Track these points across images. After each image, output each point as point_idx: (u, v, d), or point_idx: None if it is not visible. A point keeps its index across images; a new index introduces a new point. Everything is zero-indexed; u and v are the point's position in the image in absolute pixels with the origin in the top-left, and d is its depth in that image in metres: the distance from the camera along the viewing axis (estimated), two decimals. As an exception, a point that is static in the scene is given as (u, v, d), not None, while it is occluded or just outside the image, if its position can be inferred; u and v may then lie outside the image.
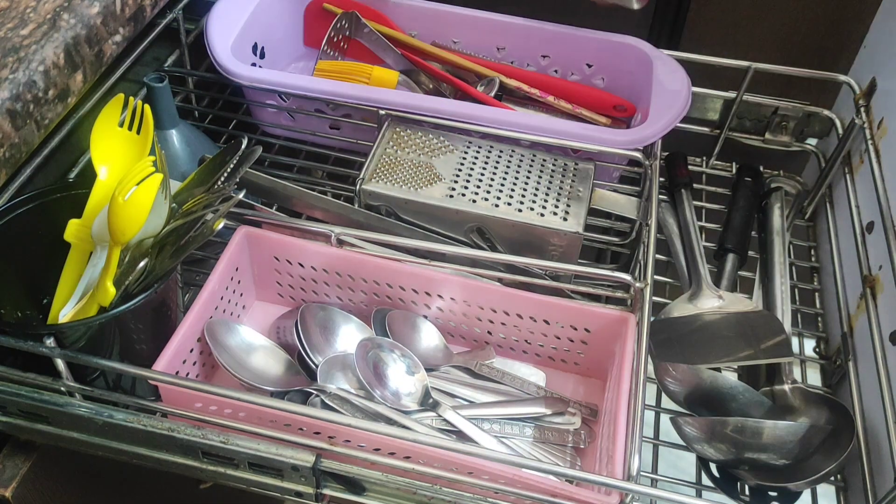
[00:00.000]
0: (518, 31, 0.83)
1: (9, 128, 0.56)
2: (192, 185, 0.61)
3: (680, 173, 0.82)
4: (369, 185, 0.69)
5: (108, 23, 0.65)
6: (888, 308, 0.63)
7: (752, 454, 0.58)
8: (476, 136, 0.75)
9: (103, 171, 0.60)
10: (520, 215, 0.68)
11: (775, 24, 0.91)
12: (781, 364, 0.66)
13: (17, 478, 0.60)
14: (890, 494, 0.54)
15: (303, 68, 0.88)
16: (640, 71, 0.79)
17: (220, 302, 0.64)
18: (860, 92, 0.78)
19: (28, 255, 0.61)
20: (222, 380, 0.63)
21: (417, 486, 0.53)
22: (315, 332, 0.64)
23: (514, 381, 0.65)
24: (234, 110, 0.84)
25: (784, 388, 0.65)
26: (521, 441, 0.61)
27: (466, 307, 0.65)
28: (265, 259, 0.67)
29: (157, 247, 0.57)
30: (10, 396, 0.55)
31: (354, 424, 0.52)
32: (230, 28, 0.79)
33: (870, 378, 0.62)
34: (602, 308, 0.63)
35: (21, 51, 0.58)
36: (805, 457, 0.59)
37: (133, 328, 0.58)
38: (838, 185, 0.79)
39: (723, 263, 0.75)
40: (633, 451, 0.52)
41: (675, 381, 0.64)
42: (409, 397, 0.60)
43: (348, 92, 0.74)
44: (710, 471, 0.62)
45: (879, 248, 0.67)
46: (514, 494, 0.51)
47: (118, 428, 0.55)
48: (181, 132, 0.71)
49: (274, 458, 0.52)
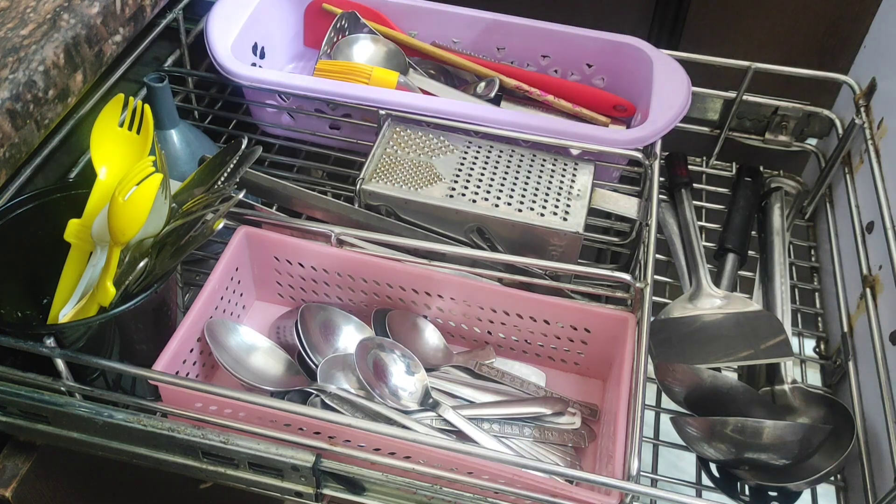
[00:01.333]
0: (518, 31, 0.83)
1: (9, 128, 0.56)
2: (192, 185, 0.61)
3: (680, 173, 0.82)
4: (369, 184, 0.69)
5: (108, 23, 0.65)
6: (888, 308, 0.63)
7: (752, 454, 0.58)
8: (476, 136, 0.75)
9: (103, 171, 0.60)
10: (520, 215, 0.68)
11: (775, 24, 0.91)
12: (781, 364, 0.66)
13: (17, 478, 0.60)
14: (890, 494, 0.54)
15: (303, 68, 0.88)
16: (640, 71, 0.79)
17: (220, 302, 0.64)
18: (860, 92, 0.78)
19: (28, 255, 0.61)
20: (222, 380, 0.63)
21: (417, 486, 0.53)
22: (315, 332, 0.64)
23: (514, 381, 0.65)
24: (234, 110, 0.84)
25: (784, 388, 0.65)
26: (521, 441, 0.61)
27: (466, 307, 0.65)
28: (265, 259, 0.67)
29: (157, 247, 0.57)
30: (10, 396, 0.55)
31: (354, 424, 0.52)
32: (230, 28, 0.79)
33: (870, 378, 0.62)
34: (602, 308, 0.63)
35: (21, 51, 0.58)
36: (805, 457, 0.59)
37: (133, 328, 0.58)
38: (838, 185, 0.79)
39: (723, 263, 0.75)
40: (633, 451, 0.52)
41: (675, 381, 0.64)
42: (409, 397, 0.60)
43: (348, 92, 0.74)
44: (710, 471, 0.62)
45: (879, 247, 0.67)
46: (514, 494, 0.51)
47: (118, 428, 0.55)
48: (181, 132, 0.71)
49: (274, 458, 0.52)
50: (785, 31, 0.91)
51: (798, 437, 0.58)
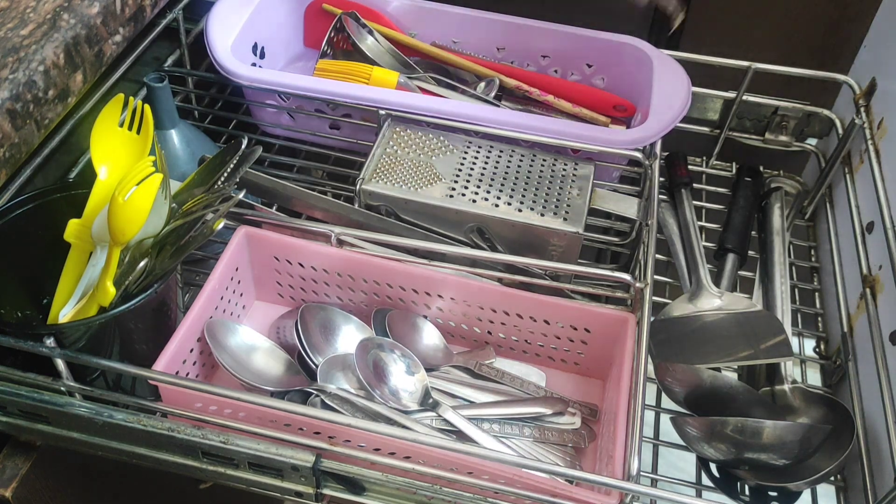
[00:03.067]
0: (518, 31, 0.83)
1: (9, 128, 0.56)
2: (192, 185, 0.61)
3: (680, 173, 0.82)
4: (369, 185, 0.69)
5: (108, 23, 0.65)
6: (888, 308, 0.63)
7: (752, 454, 0.58)
8: (476, 136, 0.75)
9: (103, 171, 0.60)
10: (520, 215, 0.68)
11: (775, 24, 0.91)
12: (781, 364, 0.66)
13: (17, 478, 0.60)
14: (890, 494, 0.54)
15: (303, 68, 0.88)
16: (640, 71, 0.79)
17: (220, 302, 0.64)
18: (860, 92, 0.78)
19: (28, 255, 0.61)
20: (222, 380, 0.63)
21: (417, 486, 0.53)
22: (315, 332, 0.64)
23: (514, 381, 0.65)
24: (234, 110, 0.84)
25: (784, 388, 0.65)
26: (520, 441, 0.61)
27: (466, 307, 0.65)
28: (265, 259, 0.67)
29: (157, 247, 0.57)
30: (10, 396, 0.55)
31: (354, 424, 0.52)
32: (230, 28, 0.79)
33: (870, 378, 0.62)
34: (602, 308, 0.63)
35: (21, 51, 0.58)
36: (805, 457, 0.59)
37: (133, 328, 0.58)
38: (838, 185, 0.79)
39: (723, 263, 0.75)
40: (633, 451, 0.52)
41: (675, 381, 0.64)
42: (409, 397, 0.60)
43: (348, 92, 0.74)
44: (710, 471, 0.62)
45: (879, 247, 0.67)
46: (514, 494, 0.51)
47: (118, 428, 0.55)
48: (181, 132, 0.71)
49: (274, 458, 0.52)
50: (785, 31, 0.91)
51: (798, 437, 0.58)
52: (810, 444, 0.58)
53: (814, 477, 0.58)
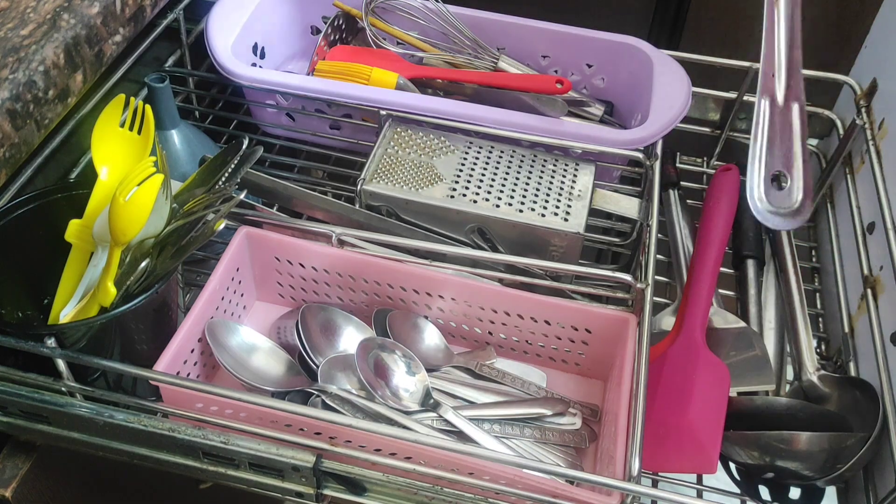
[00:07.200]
0: (518, 31, 0.83)
1: (9, 128, 0.56)
2: (193, 186, 0.61)
3: (668, 172, 0.81)
4: (370, 185, 0.69)
5: (108, 23, 0.65)
6: (889, 308, 0.63)
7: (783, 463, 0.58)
8: (477, 137, 0.75)
9: (104, 172, 0.60)
10: (520, 216, 0.68)
11: (776, 25, 0.91)
12: (805, 354, 0.66)
13: (17, 478, 0.60)
14: (890, 495, 0.54)
15: (303, 68, 0.88)
16: (640, 71, 0.79)
17: (220, 302, 0.64)
18: (861, 92, 0.78)
19: (29, 255, 0.61)
20: (223, 380, 0.63)
21: (418, 487, 0.53)
22: (316, 333, 0.64)
23: (515, 381, 0.65)
24: (235, 110, 0.84)
25: (812, 379, 0.65)
26: (521, 442, 0.61)
27: (467, 307, 0.65)
28: (266, 259, 0.67)
29: (157, 247, 0.57)
30: (10, 396, 0.55)
31: (355, 425, 0.52)
32: (230, 28, 0.79)
33: (871, 378, 0.62)
34: (603, 308, 0.63)
35: (21, 51, 0.58)
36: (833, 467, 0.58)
37: (134, 328, 0.58)
38: (839, 185, 0.79)
39: (744, 271, 0.74)
40: (634, 452, 0.52)
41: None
42: (410, 398, 0.60)
43: (348, 92, 0.74)
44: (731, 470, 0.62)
45: (880, 248, 0.67)
46: (515, 495, 0.51)
47: (119, 428, 0.55)
48: (182, 132, 0.71)
49: (274, 458, 0.52)
50: (785, 31, 0.91)
51: (837, 446, 0.57)
52: (852, 452, 0.57)
53: (833, 475, 0.57)
